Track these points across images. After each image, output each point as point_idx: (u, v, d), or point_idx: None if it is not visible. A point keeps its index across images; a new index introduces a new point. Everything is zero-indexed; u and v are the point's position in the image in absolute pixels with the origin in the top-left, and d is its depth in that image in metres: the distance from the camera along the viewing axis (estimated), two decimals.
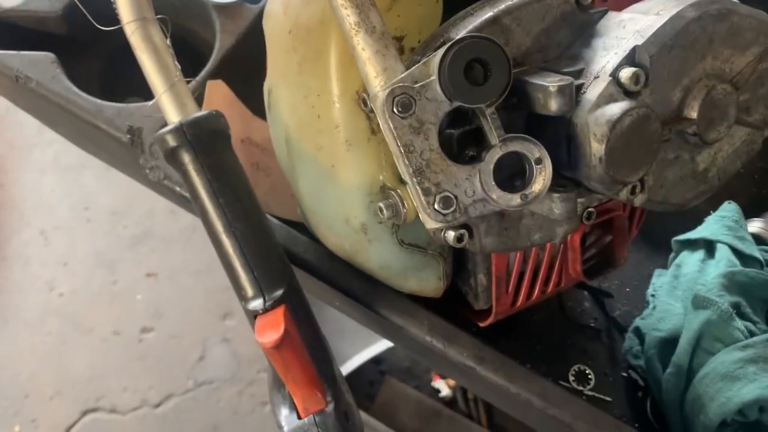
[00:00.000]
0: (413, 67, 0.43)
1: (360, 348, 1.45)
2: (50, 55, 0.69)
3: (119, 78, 0.79)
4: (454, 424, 1.51)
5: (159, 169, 0.66)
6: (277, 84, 0.57)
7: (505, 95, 0.43)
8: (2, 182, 1.97)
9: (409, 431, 1.48)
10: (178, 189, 0.65)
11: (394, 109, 0.42)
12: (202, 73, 0.70)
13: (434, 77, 0.42)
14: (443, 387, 1.56)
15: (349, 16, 0.44)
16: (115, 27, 0.58)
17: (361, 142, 0.52)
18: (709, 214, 0.73)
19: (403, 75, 0.43)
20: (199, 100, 0.68)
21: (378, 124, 0.52)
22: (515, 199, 0.44)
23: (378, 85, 0.43)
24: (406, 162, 0.43)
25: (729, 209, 0.71)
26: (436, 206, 0.44)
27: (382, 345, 1.45)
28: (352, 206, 0.55)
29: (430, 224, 0.46)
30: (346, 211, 0.55)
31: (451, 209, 0.44)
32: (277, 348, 0.51)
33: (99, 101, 0.68)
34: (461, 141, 0.47)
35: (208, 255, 1.92)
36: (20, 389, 1.71)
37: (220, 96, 0.68)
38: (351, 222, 0.56)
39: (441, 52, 0.42)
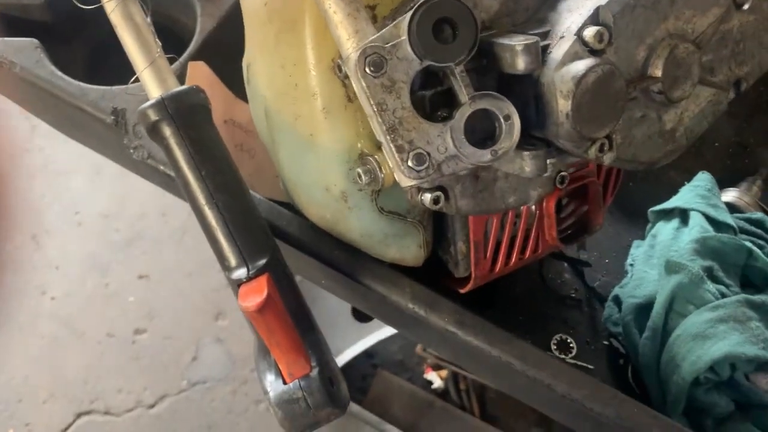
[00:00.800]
0: (384, 29, 0.44)
1: (352, 342, 1.45)
2: (34, 41, 0.70)
3: (105, 66, 0.80)
4: (447, 415, 1.52)
5: (143, 148, 0.67)
6: (254, 57, 0.58)
7: (473, 53, 0.45)
8: None
9: (403, 423, 1.49)
10: (161, 167, 0.66)
11: (366, 69, 0.44)
12: (184, 55, 0.72)
13: (404, 37, 0.44)
14: (435, 379, 1.57)
15: None
16: (97, 5, 0.59)
17: (338, 110, 0.54)
18: (684, 185, 0.74)
19: (374, 36, 0.44)
20: (180, 82, 0.69)
21: (354, 91, 0.54)
22: (486, 155, 0.46)
23: (350, 47, 0.45)
24: (380, 120, 0.45)
25: (702, 179, 0.73)
26: (409, 163, 0.45)
27: (374, 338, 1.45)
28: (332, 174, 0.56)
29: (405, 182, 0.47)
30: (326, 179, 0.57)
31: (424, 166, 0.45)
32: (260, 312, 0.52)
33: (83, 84, 0.69)
34: (433, 102, 0.48)
35: (200, 256, 1.93)
36: (14, 393, 1.71)
37: (201, 76, 0.69)
38: (331, 190, 0.57)
39: (410, 13, 0.43)
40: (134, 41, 0.57)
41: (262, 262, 0.55)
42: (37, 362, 1.74)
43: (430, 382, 1.58)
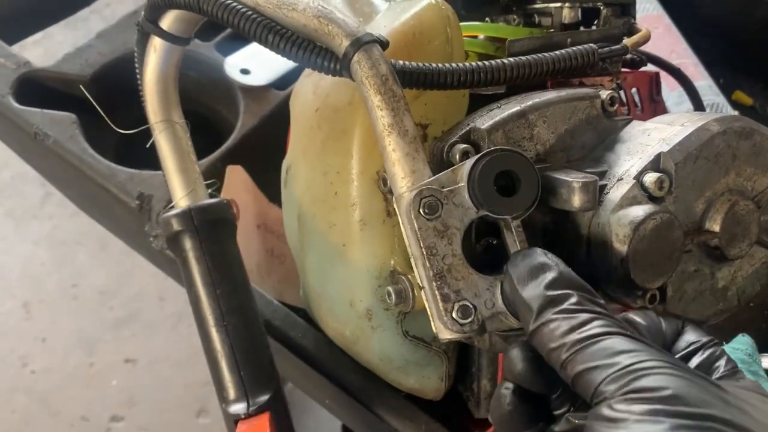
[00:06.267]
0: (441, 173, 0.43)
1: None
2: (72, 116, 0.70)
3: (135, 149, 0.79)
4: None
5: (163, 237, 0.64)
6: (297, 160, 0.57)
7: (532, 209, 0.43)
8: None
9: None
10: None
11: (421, 210, 0.42)
12: (221, 149, 0.71)
13: (463, 184, 0.42)
14: None
15: (383, 117, 0.43)
16: (139, 129, 0.60)
17: (375, 223, 0.52)
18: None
19: (431, 179, 0.43)
20: (212, 174, 0.67)
21: (394, 207, 0.51)
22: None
23: (405, 186, 0.43)
24: (427, 265, 0.42)
25: (743, 342, 0.69)
26: (454, 315, 0.42)
27: None
28: (359, 289, 0.53)
29: (445, 334, 0.43)
30: (352, 294, 0.54)
31: (469, 320, 0.42)
32: None
33: (113, 165, 0.68)
34: (485, 251, 0.46)
35: (191, 346, 1.86)
36: None
37: (239, 181, 0.68)
38: (356, 306, 0.54)
39: (472, 160, 0.42)
40: (168, 145, 0.56)
41: (265, 398, 0.52)
42: None
43: None
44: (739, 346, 0.67)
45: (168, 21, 0.53)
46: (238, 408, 0.51)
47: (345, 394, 0.59)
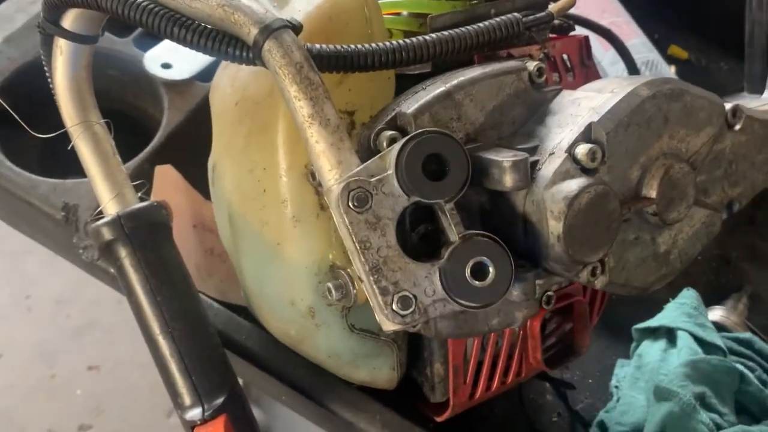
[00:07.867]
0: (369, 161, 0.41)
1: None
2: None
3: (59, 156, 0.76)
4: None
5: (93, 248, 0.62)
6: (221, 158, 0.54)
7: (464, 191, 0.41)
8: None
9: None
10: (112, 270, 0.61)
11: (350, 204, 0.40)
12: (147, 149, 0.68)
13: (391, 171, 0.40)
14: None
15: (302, 108, 0.41)
16: (57, 133, 0.56)
17: (309, 218, 0.50)
18: (668, 301, 0.71)
19: (358, 169, 0.40)
20: (141, 176, 0.64)
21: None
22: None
23: (333, 179, 0.41)
24: (362, 259, 0.40)
25: (687, 296, 0.70)
26: (394, 307, 0.40)
27: None
28: (299, 287, 0.51)
29: (388, 326, 0.42)
30: (292, 293, 0.52)
31: (410, 310, 0.41)
32: None
33: (33, 176, 0.64)
34: (421, 238, 0.45)
35: None
36: None
37: (169, 181, 0.65)
38: (297, 305, 0.52)
39: (398, 146, 0.40)
40: (89, 149, 0.53)
41: (220, 400, 0.50)
42: None
43: None
44: (685, 300, 0.68)
45: (70, 20, 0.50)
46: (194, 414, 0.50)
47: (295, 392, 0.58)
